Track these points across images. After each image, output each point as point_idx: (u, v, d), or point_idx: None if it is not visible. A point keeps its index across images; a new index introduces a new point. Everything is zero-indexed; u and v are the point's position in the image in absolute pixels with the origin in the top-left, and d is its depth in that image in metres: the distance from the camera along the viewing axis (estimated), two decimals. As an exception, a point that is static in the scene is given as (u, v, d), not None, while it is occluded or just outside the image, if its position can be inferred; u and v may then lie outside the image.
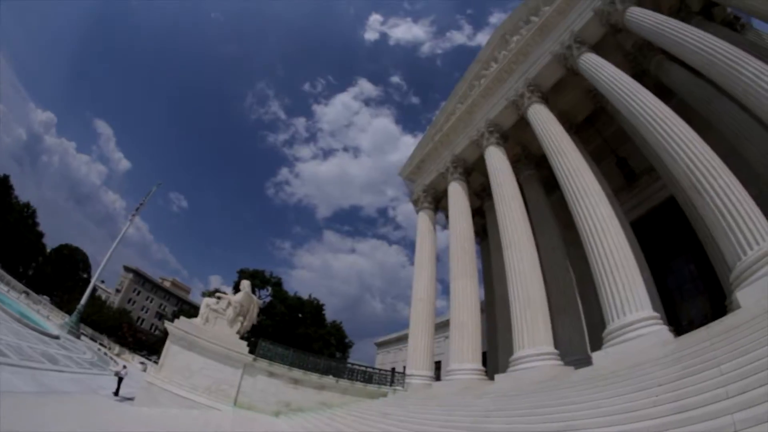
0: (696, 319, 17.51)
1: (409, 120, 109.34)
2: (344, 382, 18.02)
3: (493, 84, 23.91)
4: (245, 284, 20.60)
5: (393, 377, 19.63)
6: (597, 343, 13.71)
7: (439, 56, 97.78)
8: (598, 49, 19.40)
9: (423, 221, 26.02)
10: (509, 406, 10.38)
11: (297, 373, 17.65)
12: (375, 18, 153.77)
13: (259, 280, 46.34)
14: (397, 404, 14.63)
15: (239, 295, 19.70)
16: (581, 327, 18.70)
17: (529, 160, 24.76)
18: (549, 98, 21.40)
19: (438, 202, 27.36)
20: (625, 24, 18.03)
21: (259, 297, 45.54)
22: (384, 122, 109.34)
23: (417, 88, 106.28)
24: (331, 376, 18.17)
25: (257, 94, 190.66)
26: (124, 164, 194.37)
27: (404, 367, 20.71)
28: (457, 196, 23.64)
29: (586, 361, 13.45)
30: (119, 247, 54.58)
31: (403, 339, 23.61)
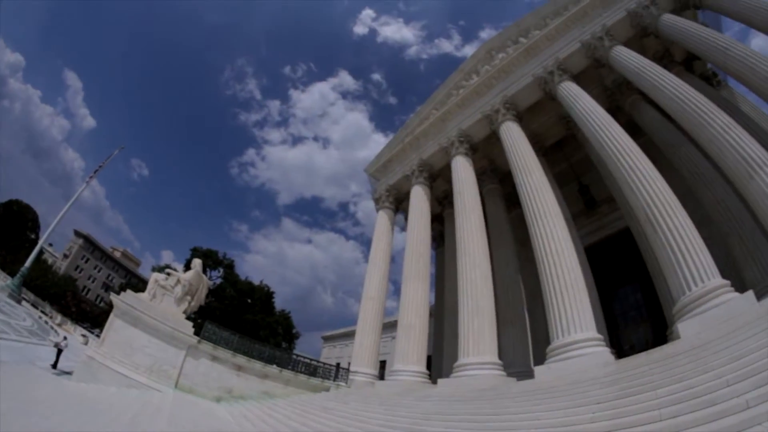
0: (637, 344, 18.52)
1: (383, 119, 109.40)
2: (288, 373, 17.59)
3: (471, 96, 24.22)
4: (197, 263, 19.73)
5: (337, 372, 19.40)
6: (540, 358, 14.12)
7: (424, 61, 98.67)
8: (579, 78, 20.12)
9: (382, 220, 25.91)
10: (449, 411, 10.41)
11: (241, 359, 17.06)
12: (367, 13, 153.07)
13: (211, 260, 44.73)
14: (339, 400, 14.44)
15: (189, 274, 18.84)
16: (526, 341, 19.25)
17: (495, 175, 25.27)
18: (523, 117, 21.88)
19: (399, 204, 27.34)
20: (609, 60, 18.80)
21: (210, 278, 44.05)
22: (358, 117, 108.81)
23: (396, 89, 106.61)
24: (275, 366, 17.67)
25: (236, 70, 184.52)
26: (89, 122, 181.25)
27: (349, 363, 20.53)
28: (419, 200, 23.77)
29: (528, 374, 13.82)
30: (72, 210, 50.94)
31: (350, 335, 23.47)
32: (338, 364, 23.07)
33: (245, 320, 41.83)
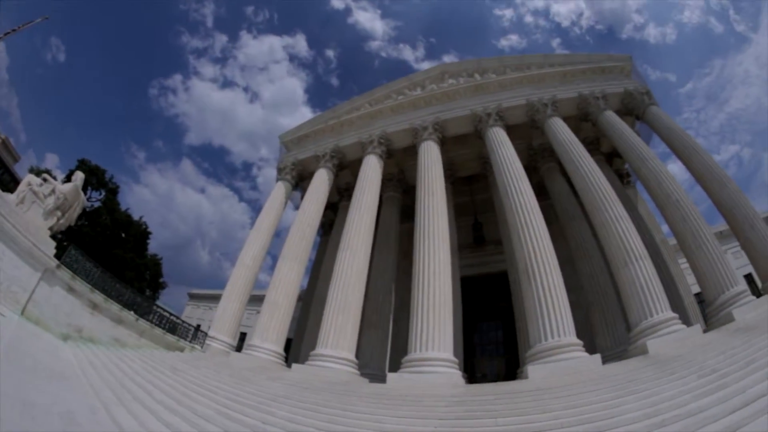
0: (489, 375, 20.20)
1: (318, 95, 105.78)
2: (144, 324, 15.40)
3: (408, 106, 24.45)
4: (79, 177, 16.28)
5: (196, 334, 17.72)
6: (395, 366, 14.41)
7: (381, 59, 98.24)
8: (510, 129, 21.32)
9: (279, 191, 24.67)
10: (298, 397, 9.98)
11: (98, 297, 14.41)
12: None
13: (96, 179, 38.14)
14: (192, 363, 13.21)
15: (68, 187, 15.43)
16: (386, 346, 19.57)
17: (400, 185, 25.74)
18: (446, 143, 22.65)
19: (300, 181, 26.28)
20: (544, 126, 20.51)
21: (89, 197, 37.73)
22: (295, 85, 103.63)
23: (342, 73, 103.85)
24: (132, 313, 15.30)
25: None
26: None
27: (209, 328, 19.02)
28: (321, 183, 23.17)
29: (381, 379, 13.95)
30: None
31: (217, 299, 21.82)
32: (199, 326, 21.54)
33: (114, 255, 36.29)
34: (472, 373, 20.25)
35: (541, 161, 23.21)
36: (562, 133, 19.12)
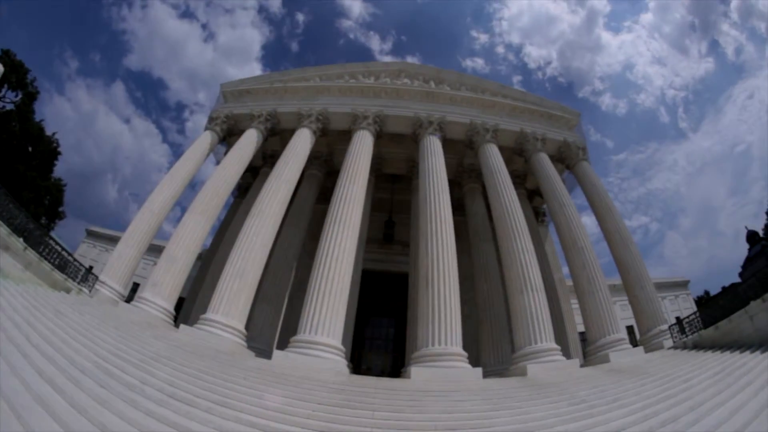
0: (374, 369, 20.68)
1: (273, 55, 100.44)
2: (32, 255, 12.99)
3: (356, 91, 24.16)
4: None
5: (86, 276, 15.52)
6: (283, 344, 14.09)
7: (347, 39, 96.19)
8: (446, 142, 22.00)
9: (204, 140, 22.86)
10: (181, 360, 9.38)
11: None
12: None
13: (16, 78, 31.60)
14: (77, 308, 11.66)
15: None
16: (277, 323, 19.24)
17: (325, 166, 25.35)
18: (381, 137, 22.75)
19: (229, 136, 24.61)
20: (479, 149, 21.59)
21: (2, 97, 31.77)
22: (255, 37, 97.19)
23: (306, 41, 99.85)
24: (22, 240, 12.88)
25: None
26: None
27: (102, 272, 17.01)
28: (248, 143, 22.02)
29: (267, 354, 13.61)
30: None
31: (116, 241, 19.69)
32: (91, 267, 19.68)
33: (14, 171, 30.45)
34: (358, 365, 20.64)
35: (466, 180, 24.38)
36: (494, 160, 20.26)
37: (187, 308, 21.14)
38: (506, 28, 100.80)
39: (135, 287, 24.95)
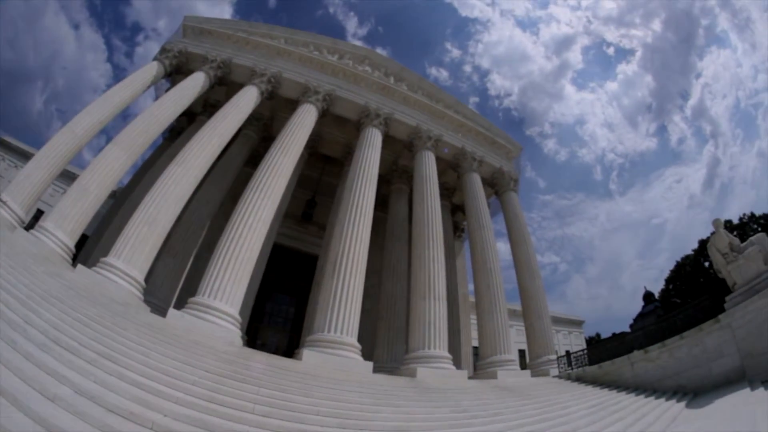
0: (269, 346, 20.71)
1: (247, 4, 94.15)
2: None
3: (315, 64, 23.66)
4: None
5: None
6: (181, 303, 13.57)
7: (326, 12, 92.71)
8: (387, 137, 22.68)
9: (149, 70, 20.74)
10: (72, 303, 8.78)
11: None
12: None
13: None
14: None
15: None
16: (179, 280, 18.48)
17: (263, 129, 24.72)
18: (326, 116, 22.76)
19: (176, 73, 22.83)
20: (416, 156, 22.54)
21: None
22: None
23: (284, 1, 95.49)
24: None
25: None
26: None
27: (4, 190, 14.88)
28: (193, 86, 20.70)
29: (163, 312, 12.96)
30: None
31: (28, 158, 17.58)
32: None
33: None
34: (254, 339, 20.59)
35: (396, 179, 25.30)
36: (428, 167, 21.23)
37: (89, 247, 19.54)
38: (480, 50, 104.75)
39: (38, 214, 22.49)
